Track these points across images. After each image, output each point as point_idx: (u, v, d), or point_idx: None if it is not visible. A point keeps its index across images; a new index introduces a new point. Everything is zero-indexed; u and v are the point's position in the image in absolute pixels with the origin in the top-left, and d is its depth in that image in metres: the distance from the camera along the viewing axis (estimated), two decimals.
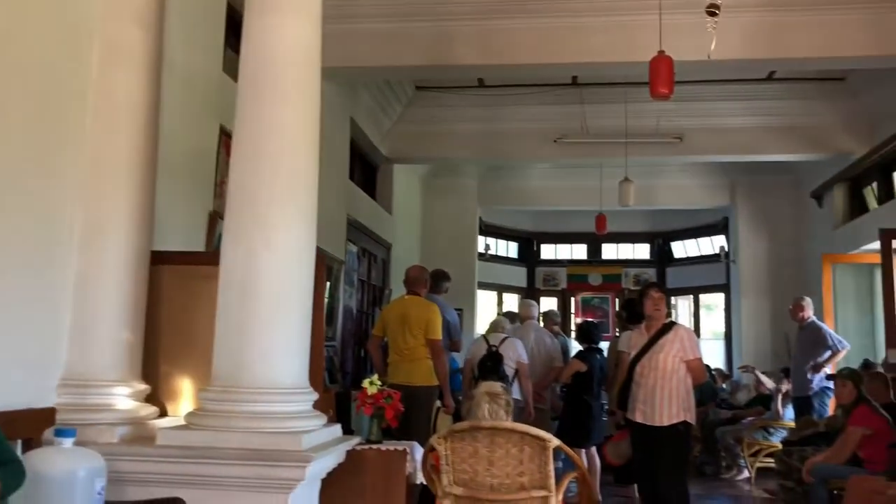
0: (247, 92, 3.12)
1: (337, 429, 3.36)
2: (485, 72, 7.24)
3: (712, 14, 3.92)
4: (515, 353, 6.37)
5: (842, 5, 5.81)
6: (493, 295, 12.63)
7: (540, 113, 8.95)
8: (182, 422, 3.07)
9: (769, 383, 8.46)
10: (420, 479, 3.75)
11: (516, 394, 6.21)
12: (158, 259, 3.44)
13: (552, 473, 3.10)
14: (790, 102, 8.65)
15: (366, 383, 3.85)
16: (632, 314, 6.71)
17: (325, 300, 6.85)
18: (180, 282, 3.50)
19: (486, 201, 11.67)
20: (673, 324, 5.14)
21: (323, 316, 3.71)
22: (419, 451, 3.74)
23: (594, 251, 13.39)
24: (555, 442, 3.08)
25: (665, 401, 4.90)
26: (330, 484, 3.35)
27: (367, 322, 8.44)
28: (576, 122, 8.85)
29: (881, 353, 7.36)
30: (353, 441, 3.49)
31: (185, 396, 3.48)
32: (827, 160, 9.04)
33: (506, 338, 6.47)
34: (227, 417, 2.89)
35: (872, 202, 8.90)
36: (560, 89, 8.61)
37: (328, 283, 6.97)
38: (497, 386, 3.74)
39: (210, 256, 3.54)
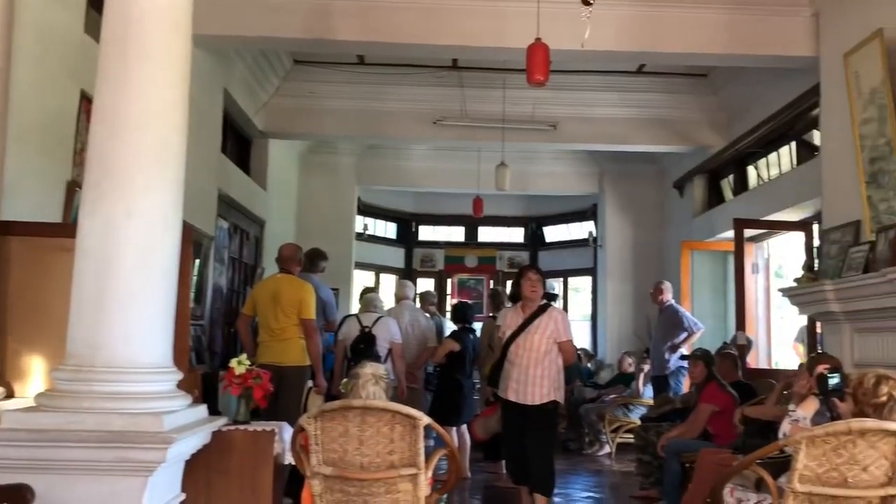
0: (109, 50, 2.93)
1: (202, 409, 3.26)
2: (364, 49, 7.16)
3: (587, 3, 4.03)
4: (389, 333, 6.39)
5: (705, 4, 6.12)
6: (371, 275, 12.59)
7: (420, 94, 8.95)
8: (32, 403, 2.88)
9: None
10: (289, 459, 3.70)
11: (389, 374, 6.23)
12: (5, 229, 3.20)
13: (422, 451, 3.13)
14: (657, 96, 9.05)
15: (233, 363, 3.75)
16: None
17: (194, 277, 6.61)
18: (31, 254, 3.27)
19: (364, 180, 11.59)
20: (548, 305, 5.28)
21: (189, 292, 3.57)
22: (288, 432, 3.68)
23: (471, 234, 13.60)
24: (425, 420, 3.11)
25: (538, 380, 5.04)
26: (194, 466, 3.25)
27: (238, 301, 8.22)
28: (455, 104, 8.91)
29: (732, 334, 7.89)
30: (220, 422, 3.39)
31: (35, 376, 3.27)
32: (689, 152, 9.55)
33: (379, 318, 6.47)
34: (82, 398, 2.73)
35: (728, 193, 9.49)
36: (440, 71, 8.65)
37: (197, 260, 6.72)
38: (381, 368, 3.75)
39: (67, 228, 3.33)
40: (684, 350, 7.79)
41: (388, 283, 12.29)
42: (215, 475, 3.62)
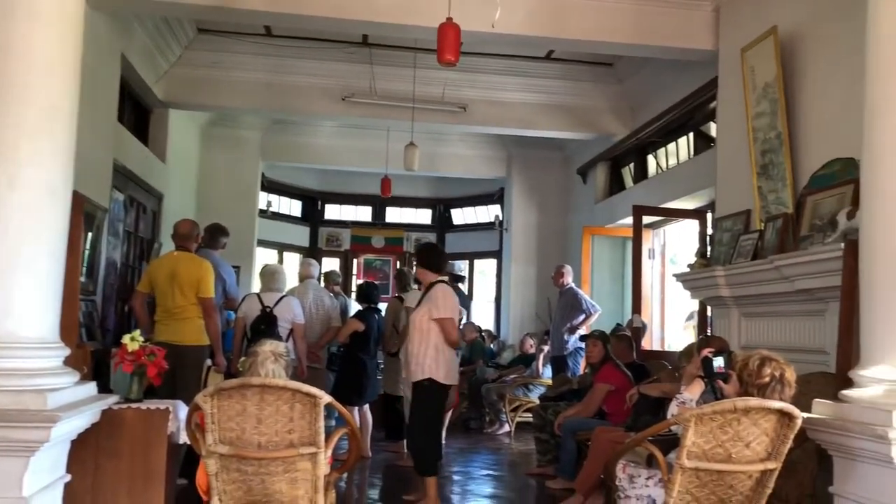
0: None
1: (91, 387, 3.12)
2: (271, 19, 6.95)
3: None
4: (291, 313, 6.28)
5: None
6: (274, 253, 12.35)
7: (329, 69, 8.80)
8: None
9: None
10: (183, 438, 3.59)
11: (290, 354, 6.14)
12: None
13: (322, 430, 3.10)
14: (566, 83, 9.20)
15: (126, 339, 3.61)
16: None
17: (86, 251, 6.31)
18: None
19: (269, 156, 11.33)
20: (436, 283, 5.26)
21: (79, 265, 3.41)
22: (183, 410, 3.58)
23: (378, 214, 13.53)
24: (326, 399, 3.07)
25: (418, 357, 5.07)
26: (82, 445, 3.12)
27: (134, 276, 7.90)
28: (365, 82, 8.80)
29: (628, 317, 8.16)
30: (110, 400, 3.26)
31: None
32: (593, 140, 9.76)
33: (282, 297, 6.35)
34: None
35: (629, 181, 9.77)
36: (351, 47, 8.52)
37: (90, 233, 6.41)
38: (281, 346, 3.69)
39: None
40: (582, 331, 8.01)
41: (293, 261, 12.09)
42: (104, 456, 3.49)
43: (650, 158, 9.19)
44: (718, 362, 3.25)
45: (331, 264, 12.48)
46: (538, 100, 9.26)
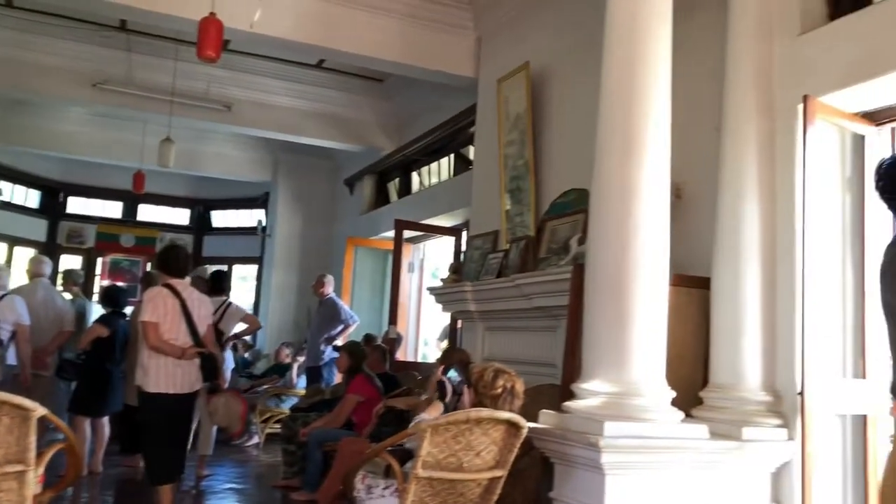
0: None
1: None
2: None
3: None
4: (14, 314, 5.63)
5: (385, 11, 6.37)
6: (3, 247, 11.07)
7: (79, 51, 8.10)
8: None
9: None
10: None
11: (12, 359, 5.51)
12: None
13: (33, 446, 2.80)
14: (336, 93, 9.22)
15: None
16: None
17: None
18: None
19: (2, 139, 10.13)
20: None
21: None
22: None
23: (129, 211, 12.62)
24: (40, 411, 2.78)
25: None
26: None
27: None
28: (120, 69, 8.21)
29: (386, 328, 8.30)
30: None
31: None
32: (361, 152, 9.87)
33: (3, 296, 5.68)
34: None
35: (394, 195, 9.99)
36: (106, 31, 7.89)
37: None
38: None
39: None
40: (340, 342, 8.01)
41: (25, 257, 10.89)
42: None
43: (414, 175, 9.47)
44: (454, 378, 3.40)
45: (72, 262, 11.43)
46: (308, 107, 9.19)
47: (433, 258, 9.35)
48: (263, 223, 11.95)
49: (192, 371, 4.68)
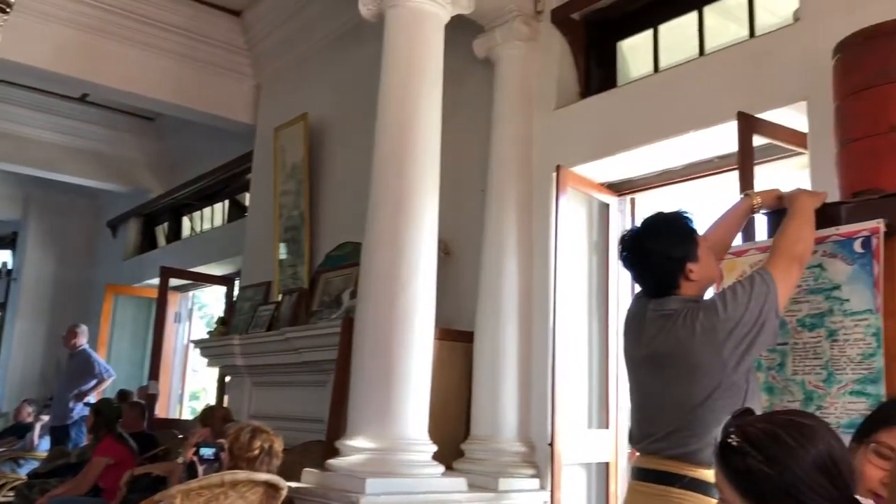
0: None
1: None
2: None
3: (3, 10, 3.60)
4: None
5: (157, 49, 6.08)
6: None
7: None
8: None
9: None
10: None
11: None
12: None
13: None
14: (101, 129, 8.62)
15: None
16: None
17: None
18: None
19: None
20: None
21: None
22: None
23: None
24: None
25: None
26: None
27: None
28: None
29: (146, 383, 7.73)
30: None
31: None
32: (128, 193, 9.25)
33: None
34: None
35: (162, 240, 9.44)
36: None
37: None
38: None
39: None
40: (92, 398, 7.33)
41: None
42: None
43: (185, 220, 9.03)
44: (206, 454, 3.24)
45: None
46: (67, 142, 8.50)
47: (213, 307, 8.92)
48: (9, 266, 10.75)
49: None
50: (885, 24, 2.28)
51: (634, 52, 4.17)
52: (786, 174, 3.32)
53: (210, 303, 8.96)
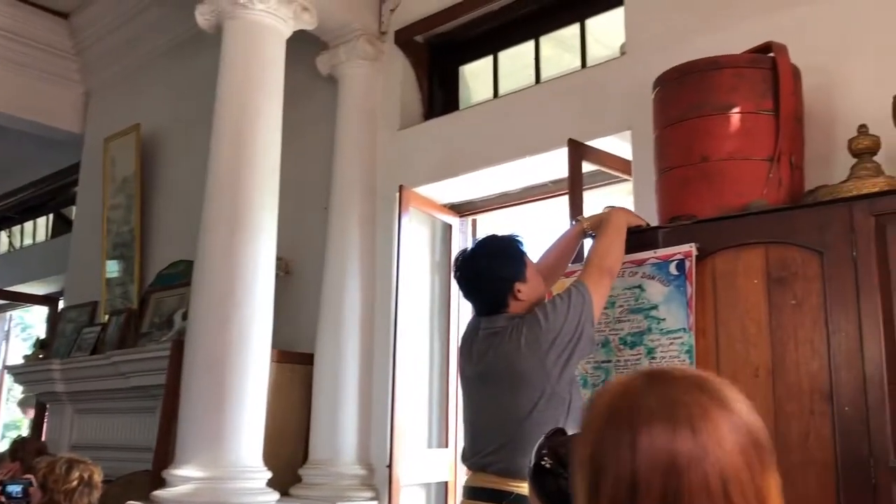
0: None
1: None
2: None
3: None
4: None
5: None
6: None
7: None
8: None
9: None
10: None
11: None
12: None
13: None
14: None
15: None
16: None
17: None
18: None
19: None
20: None
21: None
22: None
23: None
24: None
25: None
26: None
27: None
28: None
29: None
30: None
31: None
32: None
33: None
34: None
35: None
36: None
37: None
38: None
39: None
40: None
41: None
42: None
43: (3, 234, 8.31)
44: (13, 491, 2.96)
45: None
46: None
47: (39, 328, 8.22)
48: None
49: None
50: (699, 62, 2.44)
51: (475, 76, 4.26)
52: (613, 199, 3.49)
53: (36, 324, 8.27)
